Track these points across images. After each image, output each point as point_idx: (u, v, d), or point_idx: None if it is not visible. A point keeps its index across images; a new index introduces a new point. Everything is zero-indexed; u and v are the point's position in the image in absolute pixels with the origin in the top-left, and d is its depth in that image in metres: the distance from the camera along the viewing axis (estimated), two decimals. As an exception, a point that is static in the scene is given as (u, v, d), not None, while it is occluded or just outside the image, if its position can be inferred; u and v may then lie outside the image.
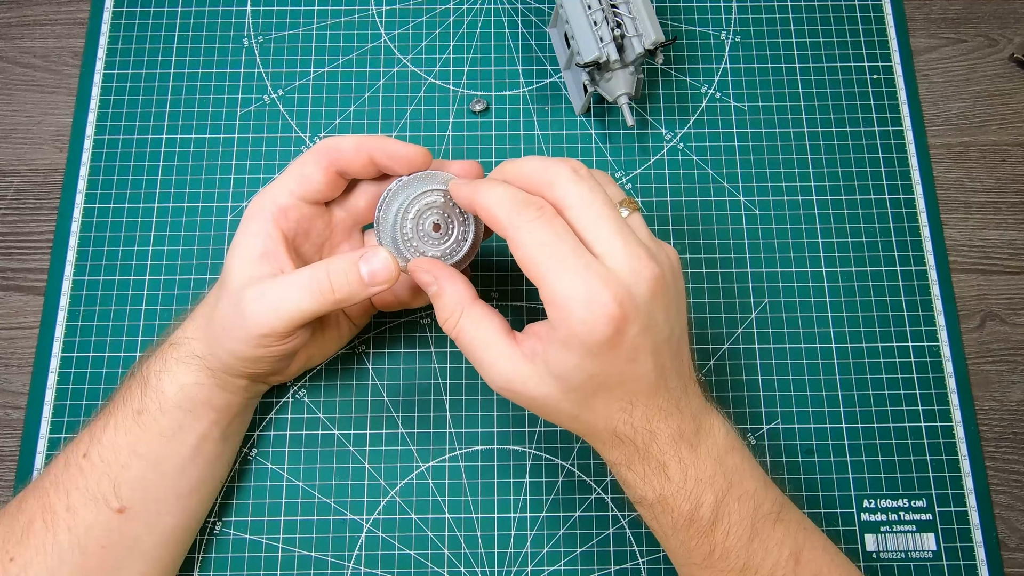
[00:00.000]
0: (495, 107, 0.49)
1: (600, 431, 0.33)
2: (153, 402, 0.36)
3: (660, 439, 0.33)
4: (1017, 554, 0.42)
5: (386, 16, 0.51)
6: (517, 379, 0.32)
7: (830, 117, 0.49)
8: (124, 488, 0.35)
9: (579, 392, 0.32)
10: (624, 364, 0.31)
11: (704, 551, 0.33)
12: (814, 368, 0.44)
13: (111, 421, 0.36)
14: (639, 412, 0.32)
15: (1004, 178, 0.49)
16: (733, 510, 0.33)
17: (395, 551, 0.41)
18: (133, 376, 0.37)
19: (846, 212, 0.47)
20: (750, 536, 0.33)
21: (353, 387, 0.44)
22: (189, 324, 0.37)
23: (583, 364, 0.31)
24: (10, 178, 0.48)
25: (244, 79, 0.49)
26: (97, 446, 0.35)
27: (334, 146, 0.36)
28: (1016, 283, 0.47)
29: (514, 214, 0.31)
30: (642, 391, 0.32)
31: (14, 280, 0.46)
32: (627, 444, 0.33)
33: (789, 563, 0.33)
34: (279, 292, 0.34)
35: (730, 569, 0.33)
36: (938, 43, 0.51)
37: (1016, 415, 0.44)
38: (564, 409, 0.33)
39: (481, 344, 0.33)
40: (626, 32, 0.43)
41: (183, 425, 0.36)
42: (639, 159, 0.48)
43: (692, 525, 0.33)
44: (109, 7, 0.51)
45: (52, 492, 0.35)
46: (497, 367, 0.33)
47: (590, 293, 0.30)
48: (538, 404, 0.33)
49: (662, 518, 0.34)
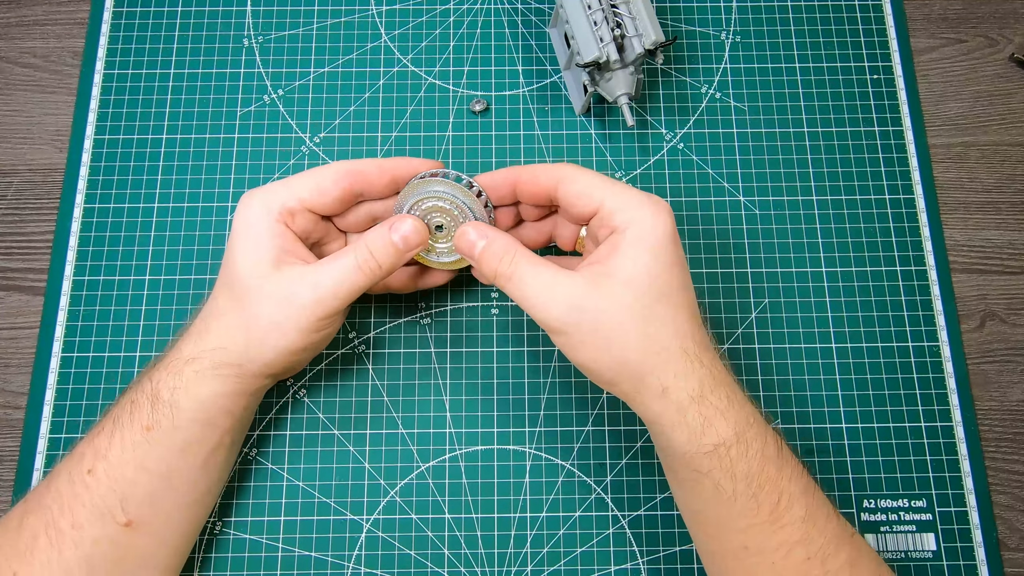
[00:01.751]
0: (495, 107, 0.49)
1: (673, 353, 0.32)
2: (165, 418, 0.35)
3: (722, 362, 0.34)
4: (1017, 554, 0.42)
5: (386, 16, 0.51)
6: (583, 299, 0.33)
7: (830, 117, 0.49)
8: (132, 503, 0.35)
9: (647, 297, 0.33)
10: (679, 269, 0.34)
11: (773, 500, 0.32)
12: (814, 368, 0.44)
13: (117, 436, 0.35)
14: (700, 329, 0.34)
15: (1004, 178, 0.49)
16: (786, 454, 0.33)
17: (395, 551, 0.41)
18: (138, 391, 0.36)
19: (846, 212, 0.47)
20: (805, 483, 0.33)
21: (353, 387, 0.44)
22: (207, 337, 0.36)
23: (650, 264, 0.33)
24: (10, 178, 0.48)
25: (244, 79, 0.49)
26: (103, 462, 0.34)
27: (357, 169, 0.38)
28: (1016, 283, 0.47)
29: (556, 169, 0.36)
30: (695, 305, 0.35)
31: (14, 280, 0.46)
32: (698, 368, 0.32)
33: (834, 517, 0.33)
34: (331, 274, 0.35)
35: (794, 520, 0.32)
36: (938, 43, 0.51)
37: (1016, 415, 0.44)
38: (633, 325, 0.32)
39: (540, 275, 0.34)
40: (626, 32, 0.43)
41: (199, 438, 0.36)
42: (639, 159, 0.48)
43: (764, 468, 0.32)
44: (109, 7, 0.51)
45: (56, 509, 0.34)
46: (560, 291, 0.33)
47: (647, 198, 0.34)
48: (605, 329, 0.32)
49: (739, 465, 0.32)
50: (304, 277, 0.35)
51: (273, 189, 0.37)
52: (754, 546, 0.32)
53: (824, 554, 0.32)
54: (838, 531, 0.33)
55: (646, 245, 0.33)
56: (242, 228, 0.36)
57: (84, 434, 0.37)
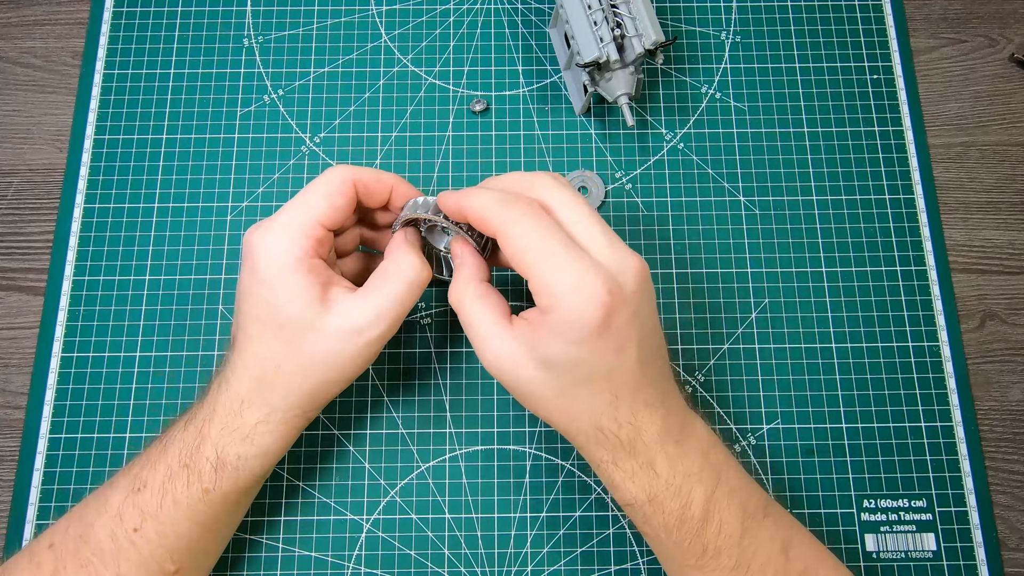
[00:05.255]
0: (495, 107, 0.49)
1: (585, 426, 0.33)
2: (230, 482, 0.35)
3: (646, 435, 0.33)
4: (1017, 554, 0.42)
5: (386, 16, 0.51)
6: (506, 358, 0.33)
7: (830, 117, 0.49)
8: (180, 554, 0.35)
9: (565, 380, 0.32)
10: (611, 354, 0.32)
11: (697, 551, 0.33)
12: (814, 368, 0.44)
13: (169, 498, 0.34)
14: (624, 406, 0.33)
15: (1004, 178, 0.49)
16: (723, 506, 0.33)
17: (395, 551, 0.41)
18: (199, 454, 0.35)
19: (846, 212, 0.47)
20: (741, 532, 0.33)
21: (353, 387, 0.44)
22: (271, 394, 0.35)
23: (570, 351, 0.31)
24: (10, 178, 0.48)
25: (244, 79, 0.49)
26: (153, 521, 0.34)
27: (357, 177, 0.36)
28: (1016, 283, 0.47)
29: (503, 211, 0.32)
30: (628, 384, 0.32)
31: (14, 280, 0.46)
32: (612, 440, 0.33)
33: (780, 558, 0.33)
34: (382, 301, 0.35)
35: (722, 568, 0.33)
36: (938, 43, 0.51)
37: (1016, 415, 0.44)
38: (549, 397, 0.33)
39: (477, 319, 0.34)
40: (626, 32, 0.43)
41: (255, 489, 0.37)
42: (639, 159, 0.48)
43: (683, 524, 0.33)
44: (109, 7, 0.51)
45: (98, 563, 0.33)
46: (489, 344, 0.33)
47: (580, 281, 0.31)
48: (524, 389, 0.33)
49: (654, 519, 0.33)
50: (363, 308, 0.34)
51: (289, 220, 0.34)
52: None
53: None
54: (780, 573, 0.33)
55: (567, 337, 0.31)
56: (271, 270, 0.34)
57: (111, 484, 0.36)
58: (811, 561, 0.34)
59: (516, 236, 0.32)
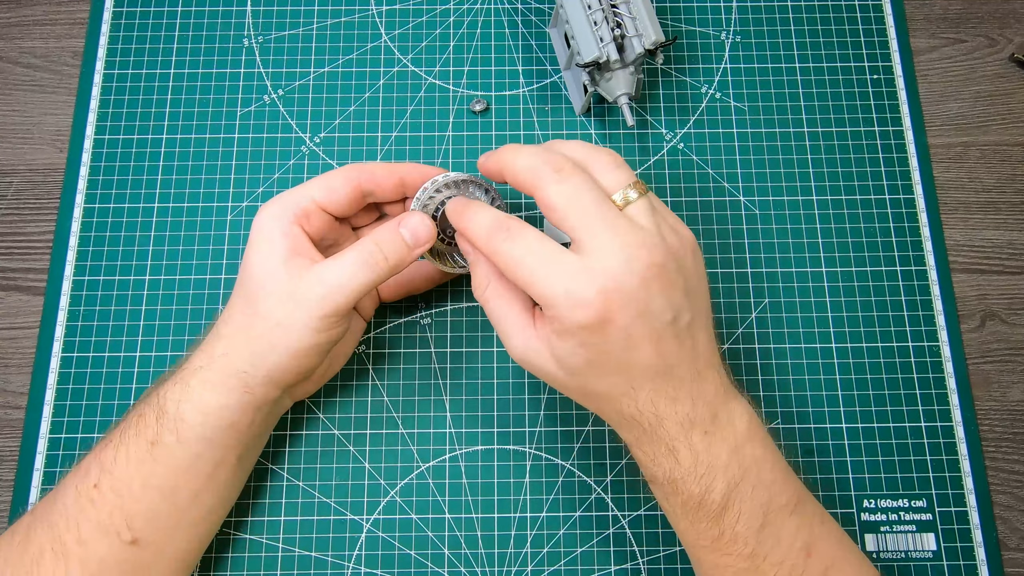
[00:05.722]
0: (495, 107, 0.49)
1: (608, 412, 0.34)
2: (170, 433, 0.35)
3: (667, 424, 0.33)
4: (1017, 554, 0.42)
5: (386, 16, 0.51)
6: (530, 353, 0.34)
7: (830, 117, 0.49)
8: (137, 520, 0.34)
9: (580, 375, 0.33)
10: (620, 351, 0.32)
11: (713, 534, 0.33)
12: (814, 368, 0.44)
13: (122, 451, 0.35)
14: (643, 396, 0.33)
15: (1004, 178, 0.49)
16: (746, 498, 0.33)
17: (395, 551, 0.41)
18: (147, 404, 0.36)
19: (846, 212, 0.47)
20: (761, 525, 0.33)
21: (353, 387, 0.44)
22: (216, 344, 0.36)
23: (578, 351, 0.32)
24: (10, 178, 0.48)
25: (244, 79, 0.49)
26: (109, 477, 0.34)
27: (366, 169, 0.38)
28: (1016, 283, 0.47)
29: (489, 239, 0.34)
30: (644, 376, 0.33)
31: (14, 280, 0.46)
32: (634, 425, 0.34)
33: (800, 555, 0.33)
34: (336, 271, 0.35)
35: (738, 554, 0.33)
36: (938, 43, 0.51)
37: (1016, 415, 0.44)
38: (572, 388, 0.34)
39: (502, 315, 0.35)
40: (626, 32, 0.43)
41: (201, 454, 0.35)
42: (639, 159, 0.48)
43: (701, 508, 0.33)
44: (109, 7, 0.51)
45: (62, 524, 0.34)
46: (513, 339, 0.35)
47: (569, 289, 0.31)
48: (550, 381, 0.35)
49: (672, 499, 0.34)
50: (310, 273, 0.35)
51: (286, 193, 0.37)
52: (706, 561, 0.34)
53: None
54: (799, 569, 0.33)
55: (571, 338, 0.32)
56: (255, 233, 0.37)
57: (92, 447, 0.37)
58: (837, 560, 0.34)
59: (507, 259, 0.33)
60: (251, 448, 0.38)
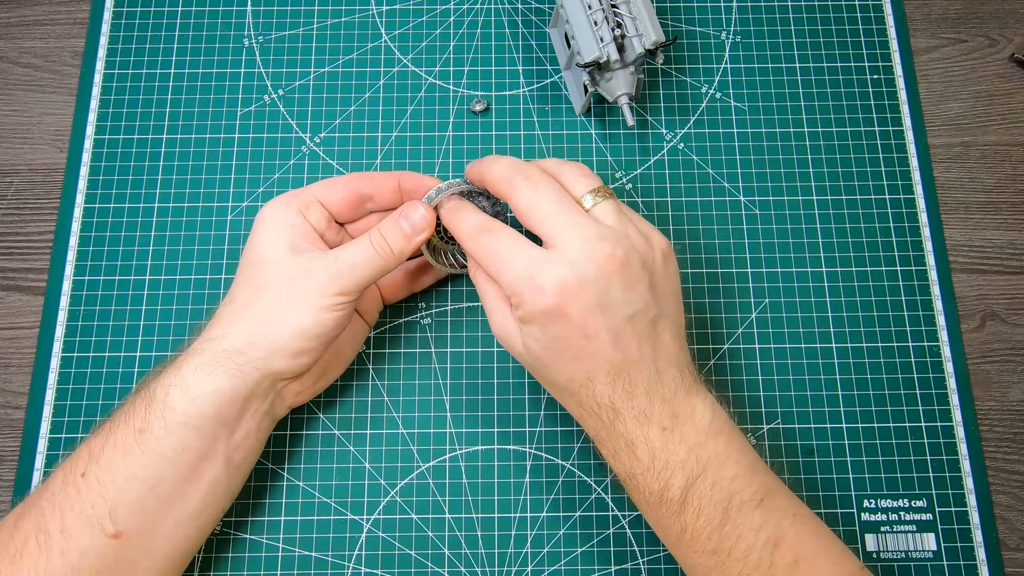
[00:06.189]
0: (495, 107, 0.49)
1: (569, 403, 0.36)
2: (158, 420, 0.34)
3: (625, 419, 0.34)
4: (1017, 554, 0.42)
5: (386, 16, 0.51)
6: (506, 333, 0.37)
7: (830, 117, 0.49)
8: (120, 512, 0.34)
9: (542, 362, 0.35)
10: (579, 338, 0.33)
11: (676, 530, 0.34)
12: (814, 368, 0.44)
13: (111, 439, 0.34)
14: (600, 389, 0.34)
15: (1004, 178, 0.49)
16: (704, 494, 0.33)
17: (395, 551, 0.41)
18: (139, 391, 0.36)
19: (846, 212, 0.47)
20: (721, 521, 0.33)
21: (353, 387, 0.44)
22: (215, 326, 0.36)
23: (540, 337, 0.34)
24: (10, 178, 0.48)
25: (244, 79, 0.49)
26: (95, 466, 0.34)
27: (366, 174, 0.41)
28: (1016, 283, 0.47)
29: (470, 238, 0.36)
30: (601, 369, 0.34)
31: (14, 280, 0.46)
32: (593, 418, 0.35)
33: (767, 548, 0.33)
34: (347, 254, 0.37)
35: (701, 551, 0.33)
36: (938, 43, 0.51)
37: (1016, 415, 0.44)
38: (537, 370, 0.36)
39: (487, 297, 0.37)
40: (626, 32, 0.43)
41: (186, 444, 0.35)
42: (639, 159, 0.48)
43: (662, 505, 0.34)
44: (109, 7, 0.51)
45: (48, 512, 0.34)
46: (493, 318, 0.37)
47: (531, 276, 0.33)
48: (520, 361, 0.37)
49: (635, 495, 0.35)
50: (322, 256, 0.37)
51: (288, 192, 0.39)
52: (679, 557, 0.35)
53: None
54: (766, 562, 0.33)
55: (534, 326, 0.34)
56: (259, 223, 0.38)
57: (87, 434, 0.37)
58: (805, 553, 0.34)
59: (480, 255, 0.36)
60: (240, 453, 0.37)
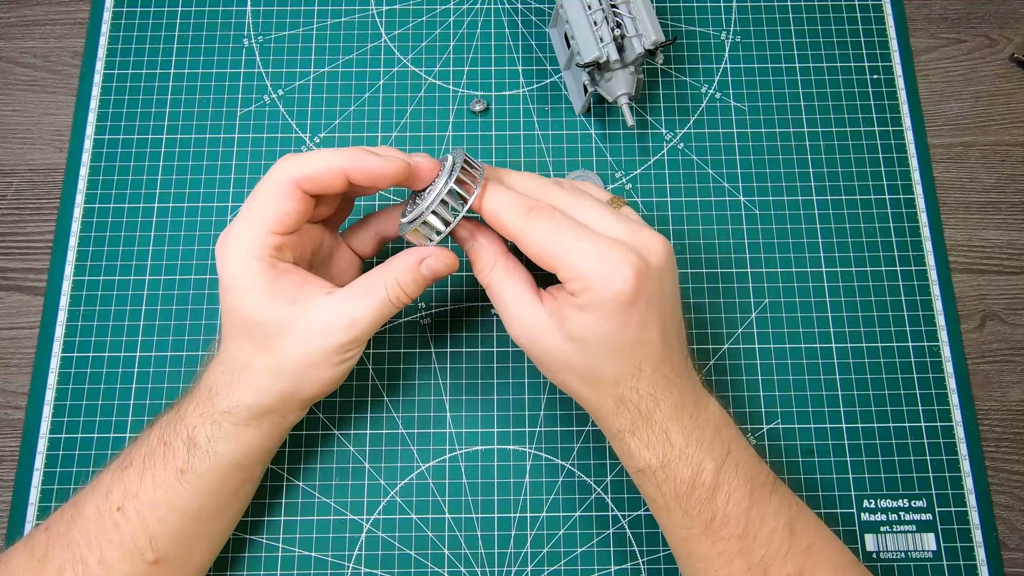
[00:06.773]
0: (495, 107, 0.49)
1: (607, 396, 0.35)
2: (202, 463, 0.35)
3: (663, 406, 0.34)
4: (1017, 554, 0.42)
5: (386, 16, 0.51)
6: (536, 328, 0.35)
7: (830, 117, 0.49)
8: (161, 540, 0.35)
9: (592, 352, 0.34)
10: (636, 328, 0.33)
11: (706, 518, 0.34)
12: (814, 368, 0.44)
13: (148, 476, 0.35)
14: (646, 379, 0.34)
15: (1004, 178, 0.49)
16: (732, 476, 0.34)
17: (395, 551, 0.41)
18: (174, 433, 0.35)
19: (846, 212, 0.47)
20: (749, 503, 0.34)
21: (353, 387, 0.44)
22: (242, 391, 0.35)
23: (600, 326, 0.33)
24: (10, 178, 0.48)
25: (244, 79, 0.49)
26: (134, 501, 0.34)
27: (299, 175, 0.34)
28: (1016, 283, 0.47)
29: (519, 216, 0.34)
30: (650, 357, 0.34)
31: (14, 280, 0.46)
32: (631, 410, 0.35)
33: (785, 531, 0.34)
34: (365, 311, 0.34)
35: (730, 536, 0.34)
36: (938, 43, 0.51)
37: (1016, 415, 0.44)
38: (575, 368, 0.35)
39: (508, 293, 0.36)
40: (626, 32, 0.43)
41: (231, 477, 0.36)
42: (639, 159, 0.48)
43: (694, 492, 0.34)
44: (109, 7, 0.51)
45: (83, 543, 0.34)
46: (521, 316, 0.35)
47: (609, 259, 0.33)
48: (550, 358, 0.35)
49: (665, 487, 0.35)
50: (337, 311, 0.34)
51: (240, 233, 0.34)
52: (697, 553, 0.35)
53: (766, 565, 0.34)
54: (785, 545, 0.34)
55: (596, 312, 0.33)
56: (234, 277, 0.34)
57: (106, 466, 0.37)
58: (816, 539, 0.35)
59: (536, 235, 0.34)
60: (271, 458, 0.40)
